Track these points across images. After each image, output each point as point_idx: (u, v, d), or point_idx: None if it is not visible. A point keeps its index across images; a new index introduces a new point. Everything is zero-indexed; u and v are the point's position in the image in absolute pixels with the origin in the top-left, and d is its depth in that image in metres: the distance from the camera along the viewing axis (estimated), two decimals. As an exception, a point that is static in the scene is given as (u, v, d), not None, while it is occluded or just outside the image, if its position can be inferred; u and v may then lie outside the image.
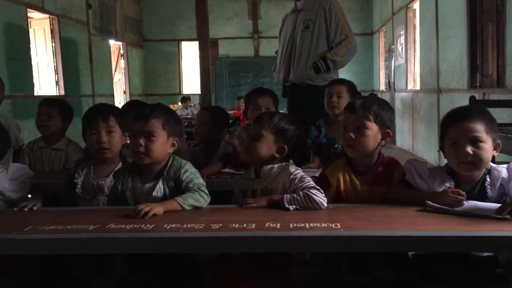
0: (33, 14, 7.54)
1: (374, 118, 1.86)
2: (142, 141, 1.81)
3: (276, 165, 1.86)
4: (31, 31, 7.58)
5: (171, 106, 10.95)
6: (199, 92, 12.09)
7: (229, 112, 5.69)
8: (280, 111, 2.33)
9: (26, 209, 1.81)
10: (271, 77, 12.47)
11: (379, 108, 1.88)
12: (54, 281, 1.75)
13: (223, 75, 12.29)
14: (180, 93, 12.83)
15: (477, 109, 1.74)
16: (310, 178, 1.81)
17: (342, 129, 1.93)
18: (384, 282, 1.65)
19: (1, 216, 1.80)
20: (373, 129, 1.85)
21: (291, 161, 1.93)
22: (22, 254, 1.57)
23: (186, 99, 10.91)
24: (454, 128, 1.68)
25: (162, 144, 1.85)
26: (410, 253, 1.77)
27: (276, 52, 4.21)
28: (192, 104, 10.85)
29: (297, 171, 1.84)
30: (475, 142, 1.64)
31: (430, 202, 1.64)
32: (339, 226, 1.49)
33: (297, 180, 1.79)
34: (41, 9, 7.54)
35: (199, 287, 1.69)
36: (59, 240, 1.46)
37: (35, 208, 1.83)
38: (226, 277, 1.67)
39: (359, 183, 1.89)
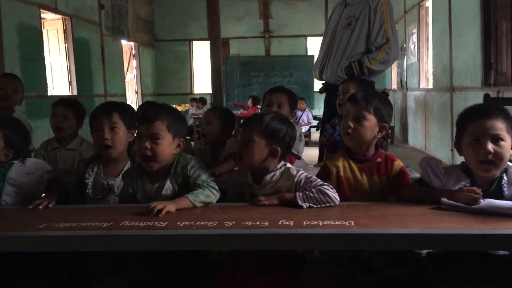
0: (46, 15, 7.61)
1: (373, 111, 1.91)
2: (147, 144, 1.82)
3: (277, 171, 1.84)
4: (44, 31, 7.65)
5: (183, 106, 11.01)
6: (210, 91, 12.17)
7: (235, 112, 5.68)
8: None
9: (40, 207, 1.82)
10: (282, 77, 12.58)
11: (379, 103, 1.94)
12: (68, 279, 1.76)
13: (234, 74, 12.30)
14: (191, 92, 12.87)
15: (497, 107, 1.71)
16: (316, 177, 1.82)
17: (343, 118, 1.98)
18: (397, 281, 1.64)
19: (16, 213, 1.82)
20: (371, 121, 1.91)
21: (288, 164, 1.91)
22: (36, 251, 1.59)
23: (196, 99, 10.95)
24: (474, 125, 1.66)
25: (168, 146, 1.85)
26: (424, 251, 1.76)
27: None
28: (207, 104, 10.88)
29: (299, 173, 1.83)
30: (497, 140, 1.61)
31: (445, 200, 1.62)
32: (352, 224, 1.48)
33: (303, 181, 1.79)
34: (54, 10, 7.61)
35: (211, 285, 1.69)
36: (73, 237, 1.47)
37: (49, 205, 1.84)
38: (238, 275, 1.67)
39: (358, 171, 1.93)
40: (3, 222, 1.73)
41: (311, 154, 6.22)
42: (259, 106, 9.23)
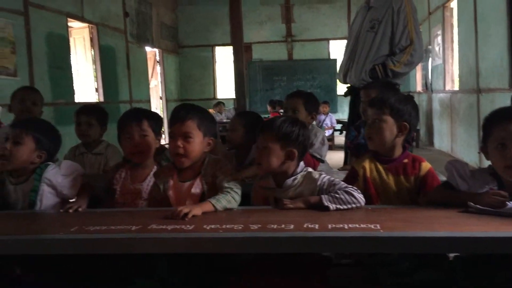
0: (73, 24, 7.79)
1: (389, 111, 1.91)
2: (180, 143, 1.87)
3: (299, 175, 1.86)
4: (71, 40, 7.83)
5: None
6: (233, 96, 12.19)
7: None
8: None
9: (71, 211, 1.87)
10: (305, 81, 12.57)
11: (396, 102, 1.93)
12: (98, 282, 1.80)
13: (257, 79, 12.35)
14: (214, 97, 12.96)
15: None
16: (339, 180, 1.82)
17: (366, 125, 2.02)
18: (424, 284, 1.63)
19: (48, 216, 1.88)
20: (388, 122, 1.91)
21: (309, 168, 1.92)
22: (68, 254, 1.63)
23: (219, 104, 11.02)
24: (500, 129, 1.63)
25: (199, 144, 1.91)
26: (451, 255, 1.74)
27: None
28: (226, 109, 10.94)
29: (322, 176, 1.85)
30: None
31: (472, 203, 1.60)
32: (378, 227, 1.48)
33: (326, 184, 1.81)
34: (81, 18, 7.78)
35: (238, 287, 1.70)
36: (104, 240, 1.51)
37: (80, 209, 1.89)
38: (264, 278, 1.68)
39: (384, 172, 1.93)
40: (35, 225, 1.78)
41: (335, 158, 6.20)
42: (281, 111, 9.24)
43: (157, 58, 11.62)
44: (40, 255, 1.66)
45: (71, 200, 2.02)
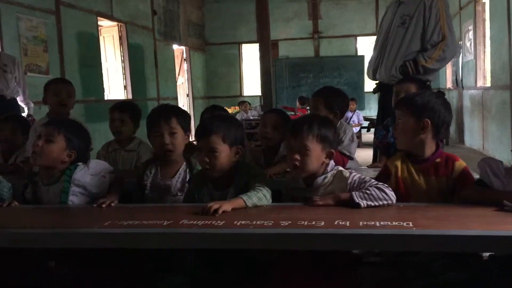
0: (102, 22, 7.93)
1: (409, 110, 1.89)
2: (206, 158, 1.89)
3: (329, 174, 1.86)
4: (101, 38, 7.97)
5: (232, 108, 11.13)
6: (259, 94, 12.22)
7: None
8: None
9: (104, 206, 1.91)
10: (331, 77, 12.47)
11: (417, 99, 1.90)
12: (129, 277, 1.83)
13: (283, 76, 12.31)
14: (241, 95, 12.99)
15: None
16: (369, 177, 1.81)
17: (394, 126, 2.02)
18: (457, 285, 1.60)
19: (82, 211, 1.93)
20: (408, 122, 1.89)
21: (340, 167, 1.92)
22: (100, 248, 1.67)
23: (244, 102, 11.04)
24: None
25: (225, 157, 1.91)
26: (486, 254, 1.70)
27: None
28: (252, 107, 10.95)
29: (352, 174, 1.84)
30: None
31: (507, 202, 1.56)
32: (411, 225, 1.46)
33: (357, 182, 1.80)
34: (110, 17, 7.91)
35: (266, 285, 1.71)
36: (137, 235, 1.53)
37: (112, 204, 1.93)
38: (293, 275, 1.68)
39: (415, 172, 1.90)
40: (70, 220, 1.83)
41: (362, 155, 6.13)
42: (308, 108, 9.20)
43: (184, 55, 11.72)
44: (73, 249, 1.70)
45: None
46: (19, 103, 4.99)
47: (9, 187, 2.22)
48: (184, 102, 11.60)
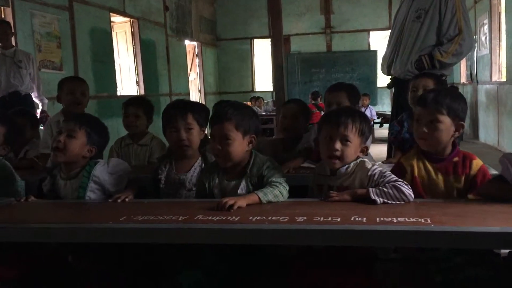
0: (115, 18, 7.96)
1: (447, 111, 1.84)
2: (218, 145, 1.88)
3: (351, 163, 1.85)
4: (113, 34, 8.00)
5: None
6: (271, 89, 12.22)
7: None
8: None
9: (119, 201, 1.92)
10: (344, 73, 12.40)
11: (451, 101, 1.87)
12: (146, 271, 1.84)
13: (295, 71, 12.27)
14: (252, 90, 12.97)
15: None
16: (390, 172, 1.78)
17: (415, 122, 1.92)
18: (476, 281, 1.58)
19: (98, 206, 1.94)
20: (446, 123, 1.84)
21: (363, 157, 1.90)
22: (117, 243, 1.68)
23: (258, 98, 11.03)
24: None
25: (238, 145, 1.89)
26: (506, 251, 1.68)
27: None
28: (265, 102, 10.94)
29: (374, 167, 1.82)
30: None
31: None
32: (429, 221, 1.44)
33: (376, 175, 1.78)
34: (123, 13, 7.94)
35: (283, 280, 1.70)
36: (152, 230, 1.54)
37: (126, 200, 1.93)
38: (310, 271, 1.67)
39: (433, 171, 1.87)
40: (86, 215, 1.84)
41: (375, 151, 6.08)
42: (314, 102, 9.18)
43: (196, 51, 11.73)
44: (91, 244, 1.71)
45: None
46: (34, 99, 5.03)
47: (23, 185, 2.23)
48: (196, 97, 11.62)
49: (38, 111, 4.99)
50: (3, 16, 5.45)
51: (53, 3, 6.16)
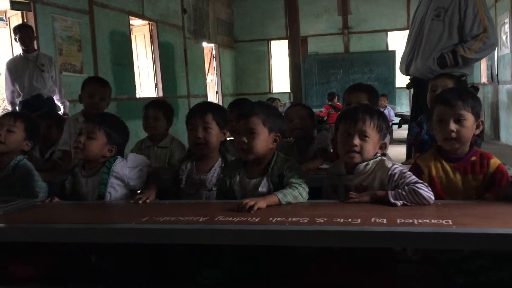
0: (134, 21, 8.05)
1: (470, 109, 1.84)
2: (244, 138, 1.89)
3: (371, 161, 1.84)
4: (132, 37, 8.10)
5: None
6: (288, 90, 12.22)
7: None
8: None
9: (140, 201, 1.94)
10: (362, 73, 12.32)
11: (472, 99, 1.88)
12: (167, 272, 1.86)
13: (312, 72, 12.24)
14: (269, 91, 12.98)
15: None
16: (410, 172, 1.77)
17: (437, 123, 1.90)
18: (499, 283, 1.56)
19: (121, 207, 1.97)
20: (470, 120, 1.84)
21: (383, 156, 1.89)
22: (139, 243, 1.70)
23: (275, 99, 11.03)
24: None
25: (264, 140, 1.91)
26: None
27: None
28: (282, 104, 10.93)
29: (394, 166, 1.81)
30: None
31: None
32: (450, 223, 1.43)
33: (397, 175, 1.77)
34: (142, 16, 8.03)
35: (303, 281, 1.71)
36: (174, 230, 1.55)
37: (148, 201, 1.96)
38: (330, 272, 1.67)
39: (451, 170, 1.86)
40: (109, 215, 1.87)
41: (393, 152, 6.03)
42: (330, 103, 9.15)
43: (213, 53, 11.78)
44: (113, 244, 1.74)
45: (139, 192, 2.10)
46: (56, 101, 5.12)
47: (44, 186, 2.28)
48: (213, 99, 11.68)
49: (60, 113, 5.08)
50: (25, 20, 5.56)
51: (74, 7, 6.26)
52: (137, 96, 7.96)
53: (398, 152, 5.38)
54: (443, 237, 1.38)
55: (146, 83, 8.61)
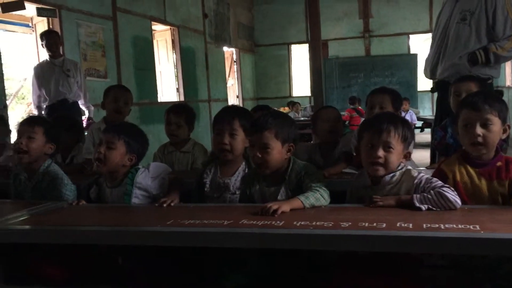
0: (156, 27, 8.15)
1: (497, 113, 1.81)
2: (258, 153, 1.92)
3: (397, 172, 1.83)
4: (154, 42, 8.20)
5: (282, 109, 11.15)
6: (308, 94, 12.20)
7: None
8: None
9: (165, 205, 1.96)
10: (383, 77, 12.22)
11: (500, 103, 1.84)
12: (194, 275, 1.87)
13: (333, 76, 12.20)
14: (290, 95, 12.98)
15: None
16: (436, 178, 1.76)
17: (462, 127, 1.86)
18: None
19: (145, 210, 1.99)
20: (497, 124, 1.81)
21: (408, 166, 1.88)
22: (165, 246, 1.72)
23: (295, 103, 11.03)
24: None
25: (277, 153, 1.93)
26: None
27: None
28: (303, 107, 10.92)
29: (420, 174, 1.80)
30: None
31: None
32: (478, 228, 1.42)
33: (423, 182, 1.76)
34: (163, 21, 8.12)
35: (327, 285, 1.70)
36: (199, 234, 1.57)
37: (172, 204, 1.98)
38: (354, 276, 1.67)
39: (476, 176, 1.83)
40: (134, 218, 1.90)
41: (415, 156, 5.96)
42: (352, 107, 9.10)
43: (234, 57, 11.84)
44: (139, 246, 1.76)
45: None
46: (80, 106, 5.21)
47: (74, 189, 2.32)
48: (234, 103, 11.73)
49: (85, 118, 5.17)
50: (51, 26, 5.68)
51: (98, 13, 6.37)
52: (159, 101, 8.05)
53: (421, 156, 5.31)
54: (471, 242, 1.37)
55: (168, 88, 8.70)
